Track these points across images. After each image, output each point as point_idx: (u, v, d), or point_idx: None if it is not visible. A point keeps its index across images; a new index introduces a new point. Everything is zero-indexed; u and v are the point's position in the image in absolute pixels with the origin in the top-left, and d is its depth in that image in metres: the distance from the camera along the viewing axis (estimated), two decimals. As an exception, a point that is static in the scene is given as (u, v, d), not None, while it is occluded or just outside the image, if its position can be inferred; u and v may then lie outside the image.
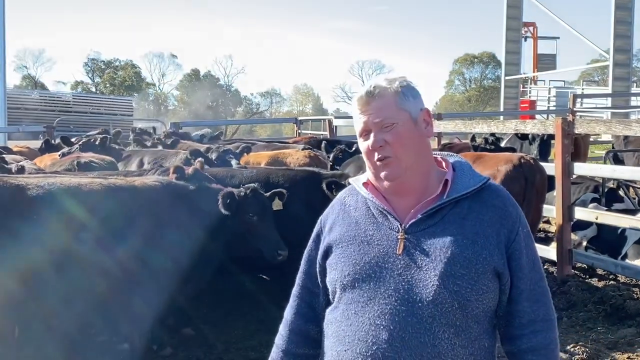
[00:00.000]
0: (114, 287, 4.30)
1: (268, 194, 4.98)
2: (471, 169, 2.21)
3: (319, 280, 2.23)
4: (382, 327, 1.98)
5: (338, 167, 7.94)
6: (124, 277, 4.29)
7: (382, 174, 2.11)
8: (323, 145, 9.63)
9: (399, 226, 2.08)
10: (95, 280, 4.21)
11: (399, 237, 2.06)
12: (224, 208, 4.60)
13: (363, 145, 2.15)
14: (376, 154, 2.09)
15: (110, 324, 4.77)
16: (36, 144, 11.88)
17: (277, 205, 4.96)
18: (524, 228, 2.12)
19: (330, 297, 2.17)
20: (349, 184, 2.34)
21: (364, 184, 2.21)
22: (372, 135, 2.10)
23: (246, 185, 4.91)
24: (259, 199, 4.83)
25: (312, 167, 7.06)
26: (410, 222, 2.07)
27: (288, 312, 2.32)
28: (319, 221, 2.33)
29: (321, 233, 2.28)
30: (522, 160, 6.76)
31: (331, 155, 8.66)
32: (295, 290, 2.33)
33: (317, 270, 2.24)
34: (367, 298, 2.03)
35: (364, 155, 2.17)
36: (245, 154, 7.94)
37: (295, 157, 8.22)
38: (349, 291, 2.07)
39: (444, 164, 2.23)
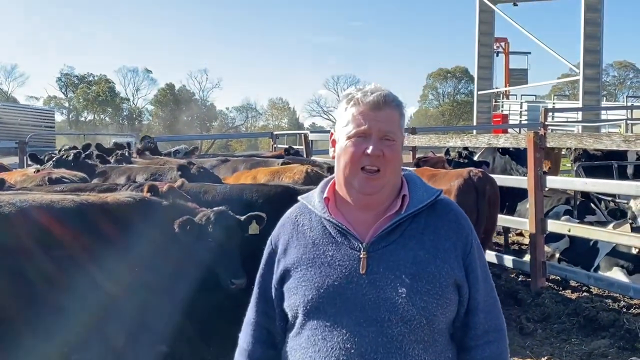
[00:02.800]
0: (86, 304, 4.23)
1: (244, 217, 4.72)
2: (422, 182, 2.19)
3: (275, 304, 2.15)
4: (352, 351, 1.93)
5: None
6: (96, 295, 4.23)
7: (360, 185, 2.04)
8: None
9: (360, 245, 2.03)
10: (67, 298, 4.14)
11: (361, 256, 2.01)
12: (184, 235, 4.42)
13: (351, 147, 2.04)
14: (366, 160, 2.02)
15: (83, 342, 4.69)
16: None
17: (253, 229, 4.68)
18: (476, 240, 2.13)
19: (291, 321, 2.10)
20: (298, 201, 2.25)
21: (325, 198, 2.14)
22: (372, 140, 2.02)
23: (214, 209, 4.67)
24: (222, 224, 4.57)
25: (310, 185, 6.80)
26: (371, 240, 2.04)
27: (244, 340, 2.23)
28: (269, 242, 2.24)
29: (274, 254, 2.19)
30: (472, 174, 7.01)
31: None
32: (250, 315, 2.25)
33: (273, 294, 2.15)
34: (334, 322, 1.97)
35: (344, 159, 2.06)
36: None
37: (294, 172, 7.90)
38: (314, 316, 2.01)
39: None
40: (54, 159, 8.81)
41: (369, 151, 2.01)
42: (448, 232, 2.07)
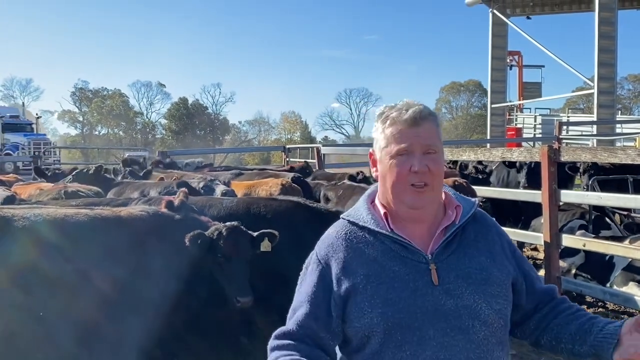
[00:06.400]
0: (100, 318, 4.23)
1: (256, 233, 4.62)
2: (457, 192, 2.27)
3: (333, 324, 2.05)
4: None
5: None
6: (110, 309, 4.23)
7: (411, 200, 2.06)
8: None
9: (425, 257, 2.05)
10: (80, 312, 4.15)
11: (430, 267, 2.04)
12: (194, 249, 4.38)
13: (396, 167, 2.06)
14: (413, 178, 2.04)
15: (96, 357, 4.69)
16: None
17: (265, 246, 4.59)
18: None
19: (358, 341, 2.04)
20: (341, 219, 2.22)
21: (384, 214, 2.12)
22: (416, 157, 2.04)
23: (226, 224, 4.62)
24: (232, 240, 4.50)
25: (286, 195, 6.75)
26: (434, 251, 2.07)
27: (287, 356, 2.01)
28: (315, 261, 2.14)
29: (328, 274, 2.09)
30: (456, 183, 7.70)
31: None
32: (294, 333, 2.07)
33: (334, 314, 2.04)
34: (420, 336, 1.96)
35: (390, 178, 2.08)
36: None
37: (269, 185, 7.92)
38: (395, 332, 1.98)
39: None
40: (73, 172, 9.11)
41: (415, 168, 2.04)
42: (493, 237, 2.18)
